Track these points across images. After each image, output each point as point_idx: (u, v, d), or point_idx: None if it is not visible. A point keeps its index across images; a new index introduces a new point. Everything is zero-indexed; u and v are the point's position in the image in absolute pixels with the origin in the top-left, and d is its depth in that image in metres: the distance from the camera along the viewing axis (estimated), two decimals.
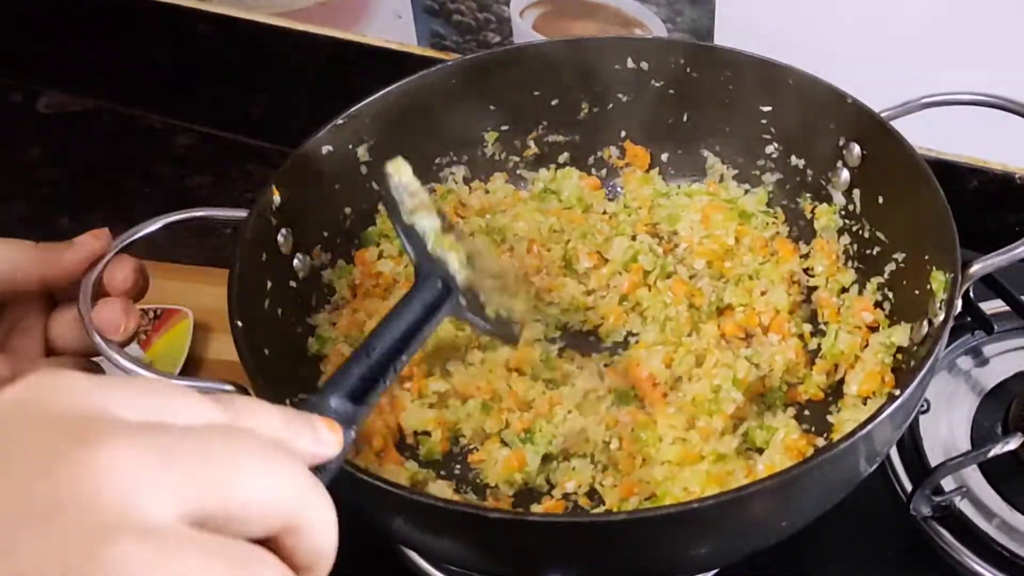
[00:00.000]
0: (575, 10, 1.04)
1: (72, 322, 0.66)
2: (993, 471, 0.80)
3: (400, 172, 0.69)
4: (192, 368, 1.01)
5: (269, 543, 0.37)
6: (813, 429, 0.75)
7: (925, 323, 0.71)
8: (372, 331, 0.58)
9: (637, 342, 0.81)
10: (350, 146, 0.82)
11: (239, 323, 0.67)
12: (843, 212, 0.84)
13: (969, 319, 0.85)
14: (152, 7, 1.23)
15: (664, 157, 0.92)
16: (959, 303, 0.66)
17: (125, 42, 1.30)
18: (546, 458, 0.74)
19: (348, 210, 0.84)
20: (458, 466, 0.76)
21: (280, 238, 0.76)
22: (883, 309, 0.78)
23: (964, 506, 0.79)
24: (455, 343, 0.80)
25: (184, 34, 1.24)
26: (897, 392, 0.61)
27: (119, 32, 1.29)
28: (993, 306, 0.87)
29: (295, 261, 0.79)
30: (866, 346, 0.77)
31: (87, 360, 0.69)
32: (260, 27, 1.19)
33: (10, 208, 1.25)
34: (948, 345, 0.75)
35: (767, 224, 0.87)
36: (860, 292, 0.81)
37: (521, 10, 1.06)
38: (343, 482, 0.45)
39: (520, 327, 0.77)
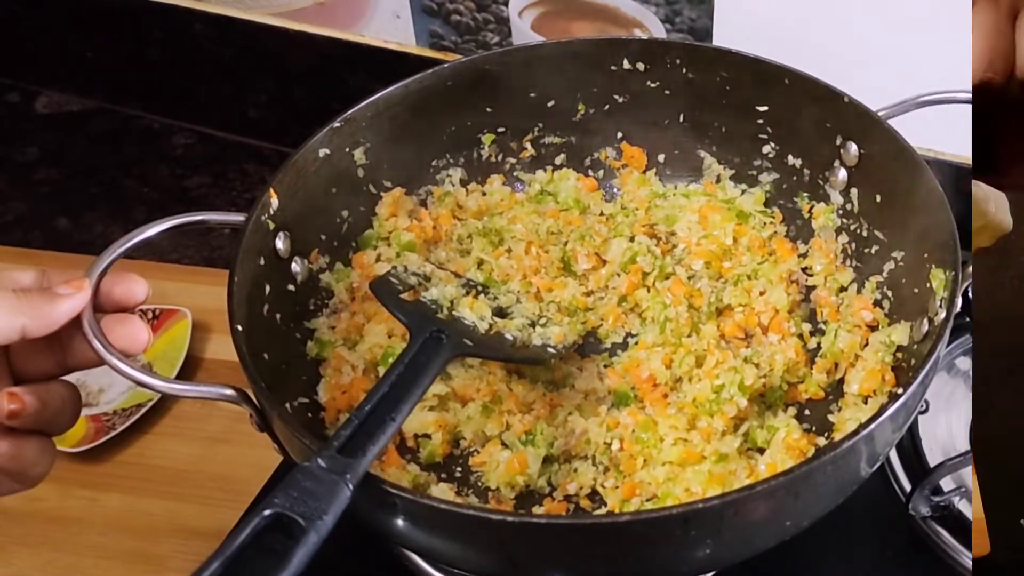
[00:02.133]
0: (574, 10, 1.04)
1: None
2: None
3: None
4: (191, 368, 1.01)
5: None
6: (814, 428, 0.75)
7: (925, 321, 0.71)
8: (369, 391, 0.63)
9: (636, 343, 0.81)
10: (346, 149, 0.82)
11: (239, 327, 0.67)
12: (841, 211, 0.84)
13: (968, 319, 0.85)
14: (150, 7, 1.23)
15: (661, 158, 0.92)
16: (959, 301, 0.66)
17: (123, 42, 1.30)
18: (547, 460, 0.74)
19: (345, 213, 0.84)
20: (459, 469, 0.76)
21: (278, 242, 0.76)
22: (882, 308, 0.78)
23: (963, 506, 0.79)
24: None
25: (182, 34, 1.24)
26: (900, 390, 0.61)
27: (117, 32, 1.29)
28: None
29: (293, 265, 0.79)
30: (866, 345, 0.77)
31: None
32: (258, 27, 1.19)
33: (9, 208, 1.25)
34: (947, 346, 0.74)
35: (765, 224, 0.87)
36: (859, 291, 0.81)
37: (520, 10, 1.06)
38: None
39: (557, 350, 0.78)
